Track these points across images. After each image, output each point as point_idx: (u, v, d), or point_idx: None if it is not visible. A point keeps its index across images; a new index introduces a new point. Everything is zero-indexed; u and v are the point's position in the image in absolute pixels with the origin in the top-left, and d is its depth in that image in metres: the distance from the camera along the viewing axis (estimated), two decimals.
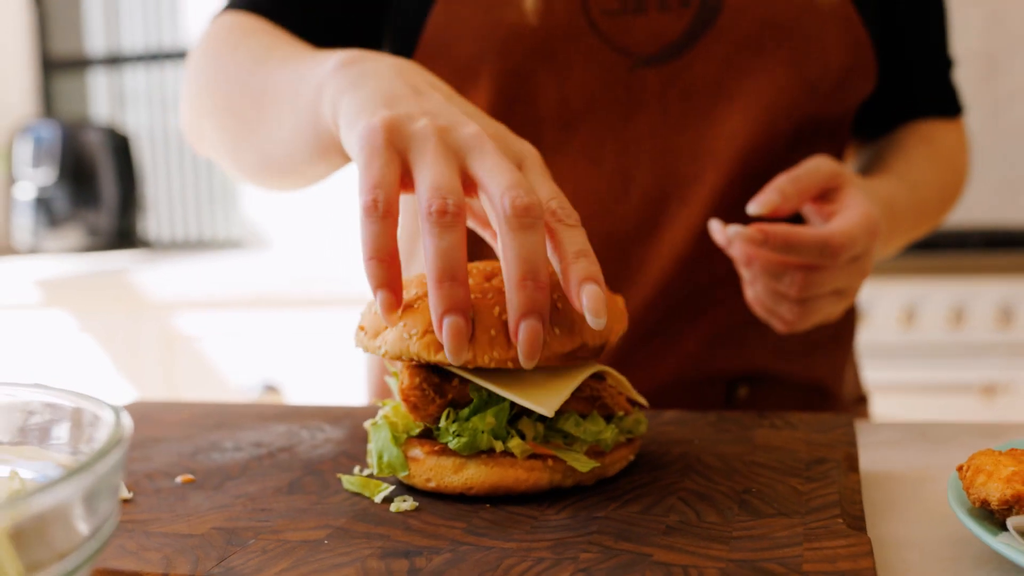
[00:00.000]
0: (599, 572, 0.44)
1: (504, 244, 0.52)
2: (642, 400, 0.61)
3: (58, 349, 2.36)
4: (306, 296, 2.21)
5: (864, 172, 0.92)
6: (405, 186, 0.56)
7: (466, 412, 0.56)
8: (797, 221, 0.77)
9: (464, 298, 0.51)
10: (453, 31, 0.82)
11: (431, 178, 0.53)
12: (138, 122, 3.05)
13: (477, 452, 0.55)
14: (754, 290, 0.76)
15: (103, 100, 3.09)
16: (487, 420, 0.55)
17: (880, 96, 0.93)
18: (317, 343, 2.22)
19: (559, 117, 0.83)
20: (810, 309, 0.75)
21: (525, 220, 0.51)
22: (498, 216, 0.52)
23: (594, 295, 0.51)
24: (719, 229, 0.74)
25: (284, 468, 0.62)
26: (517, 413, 0.56)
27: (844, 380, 0.96)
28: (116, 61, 3.05)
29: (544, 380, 0.55)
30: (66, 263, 2.60)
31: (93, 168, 2.78)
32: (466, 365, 0.53)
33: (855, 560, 0.44)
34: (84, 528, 0.32)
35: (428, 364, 0.56)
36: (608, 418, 0.59)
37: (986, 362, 2.03)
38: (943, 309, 2.03)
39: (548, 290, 0.51)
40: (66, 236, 2.78)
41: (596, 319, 0.51)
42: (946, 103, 0.98)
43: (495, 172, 0.53)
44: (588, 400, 0.58)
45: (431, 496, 0.56)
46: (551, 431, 0.56)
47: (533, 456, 0.55)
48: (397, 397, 0.58)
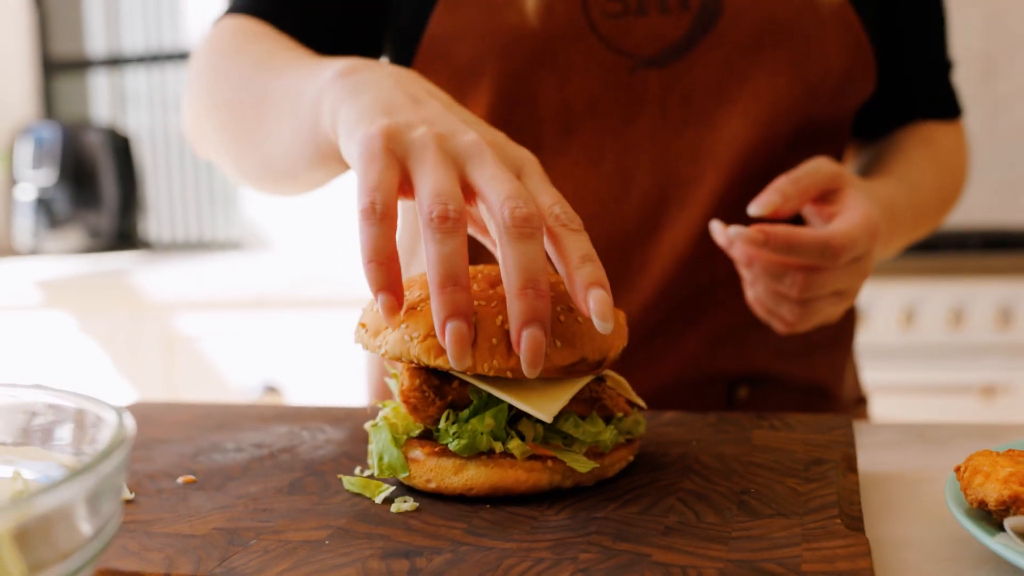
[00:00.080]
0: (598, 572, 0.44)
1: (504, 254, 0.52)
2: (641, 402, 0.62)
3: (59, 350, 2.36)
4: (306, 297, 2.21)
5: (864, 174, 0.92)
6: (404, 193, 0.56)
7: (466, 414, 0.56)
8: (798, 222, 0.78)
9: (466, 303, 0.51)
10: (454, 34, 0.82)
11: (432, 184, 0.53)
12: (139, 123, 3.05)
13: (477, 453, 0.55)
14: (755, 291, 0.76)
15: (104, 101, 3.09)
16: (486, 421, 0.55)
17: (880, 98, 0.93)
18: (317, 344, 2.22)
19: (560, 119, 0.83)
20: (811, 310, 0.75)
21: (524, 230, 0.51)
22: (497, 226, 0.52)
23: (601, 299, 0.51)
24: (720, 230, 0.74)
25: (285, 469, 0.62)
26: (516, 414, 0.56)
27: (844, 381, 0.96)
28: (117, 62, 3.05)
29: (543, 385, 0.56)
30: (67, 264, 2.60)
31: (94, 169, 2.78)
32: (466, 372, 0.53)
33: (853, 560, 0.45)
34: (87, 528, 0.32)
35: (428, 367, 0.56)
36: (607, 419, 0.59)
37: (985, 363, 2.03)
38: (942, 310, 2.03)
39: (549, 298, 0.51)
40: (67, 237, 2.78)
41: (603, 323, 0.51)
42: (945, 105, 0.98)
43: (494, 181, 0.54)
44: (587, 401, 0.58)
45: (431, 497, 0.56)
46: (550, 432, 0.56)
47: (533, 457, 0.55)
48: (397, 398, 0.58)
